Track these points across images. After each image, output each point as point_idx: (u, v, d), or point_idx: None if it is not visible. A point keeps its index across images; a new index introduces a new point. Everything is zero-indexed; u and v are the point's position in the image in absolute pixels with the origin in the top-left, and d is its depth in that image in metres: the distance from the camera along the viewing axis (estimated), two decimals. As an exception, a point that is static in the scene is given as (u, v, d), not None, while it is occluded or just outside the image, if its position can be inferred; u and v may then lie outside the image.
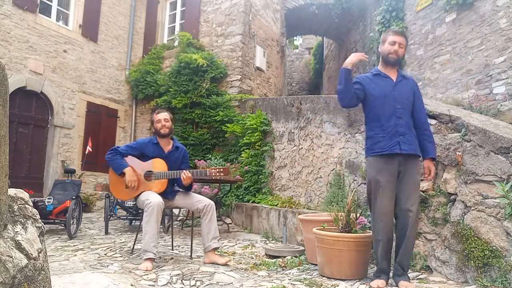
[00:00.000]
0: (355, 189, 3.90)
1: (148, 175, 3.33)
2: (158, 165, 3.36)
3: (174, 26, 9.38)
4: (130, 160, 3.37)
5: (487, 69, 5.44)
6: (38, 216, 1.40)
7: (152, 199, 3.11)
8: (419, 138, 2.63)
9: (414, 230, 2.54)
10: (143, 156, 3.41)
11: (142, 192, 3.29)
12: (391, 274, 2.60)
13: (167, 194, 3.39)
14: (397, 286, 2.46)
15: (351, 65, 2.66)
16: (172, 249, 3.89)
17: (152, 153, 3.41)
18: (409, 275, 2.69)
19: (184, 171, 3.27)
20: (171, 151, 3.49)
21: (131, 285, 2.38)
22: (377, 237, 2.59)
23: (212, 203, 3.36)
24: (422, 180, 3.01)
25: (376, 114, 2.65)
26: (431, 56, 6.56)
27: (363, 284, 2.60)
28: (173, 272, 2.82)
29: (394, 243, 2.66)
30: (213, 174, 3.31)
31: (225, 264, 3.17)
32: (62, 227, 5.03)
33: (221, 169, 3.32)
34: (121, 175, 3.30)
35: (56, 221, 4.72)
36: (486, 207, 2.50)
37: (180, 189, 3.52)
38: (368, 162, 2.70)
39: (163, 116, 3.46)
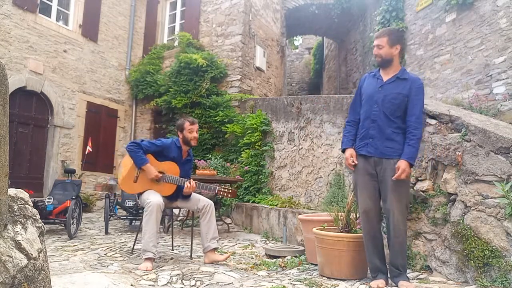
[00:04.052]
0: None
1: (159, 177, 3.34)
2: (171, 168, 3.37)
3: (174, 26, 9.37)
4: (148, 157, 3.36)
5: (487, 69, 5.44)
6: (38, 216, 1.40)
7: (152, 198, 3.11)
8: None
9: (400, 229, 2.52)
10: (160, 156, 3.40)
11: (145, 190, 3.29)
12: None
13: (170, 197, 3.40)
14: (397, 286, 2.46)
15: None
16: (172, 249, 3.89)
17: (172, 156, 3.41)
18: (409, 275, 2.69)
19: (190, 180, 3.28)
20: (187, 158, 3.55)
21: (131, 285, 2.38)
22: (363, 235, 2.67)
23: (211, 203, 3.36)
24: (421, 179, 3.01)
25: (362, 113, 2.76)
26: (431, 56, 6.56)
27: (363, 284, 2.60)
28: (173, 272, 2.82)
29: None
30: (220, 193, 3.35)
31: (225, 260, 3.19)
32: (62, 227, 5.03)
33: (230, 191, 3.36)
34: (140, 168, 3.29)
35: (56, 221, 4.72)
36: (486, 207, 2.50)
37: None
38: None
39: (196, 127, 3.47)
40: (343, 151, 2.83)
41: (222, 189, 3.35)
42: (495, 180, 2.45)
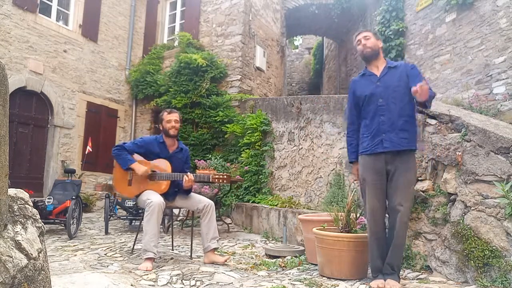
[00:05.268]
0: (355, 189, 3.89)
1: (152, 175, 3.33)
2: (162, 165, 3.35)
3: (174, 26, 9.37)
4: (136, 158, 3.37)
5: (487, 69, 5.44)
6: (38, 216, 1.40)
7: (153, 198, 3.11)
8: None
9: (403, 229, 2.51)
10: (147, 155, 3.40)
11: (143, 191, 3.29)
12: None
13: (168, 195, 3.39)
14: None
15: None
16: (172, 249, 3.89)
17: (157, 152, 3.40)
18: (409, 275, 2.69)
19: (187, 173, 3.27)
20: (175, 151, 3.50)
21: (131, 285, 2.38)
22: (368, 235, 2.66)
23: (212, 203, 3.36)
24: (421, 179, 3.01)
25: (364, 114, 2.72)
26: (431, 56, 6.56)
27: (363, 284, 2.60)
28: (173, 272, 2.82)
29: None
30: (216, 180, 3.34)
31: (225, 263, 3.17)
32: (62, 227, 5.03)
33: (224, 176, 3.35)
34: (126, 170, 3.30)
35: (56, 221, 4.72)
36: (486, 207, 2.50)
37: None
38: (359, 162, 2.78)
39: (174, 117, 3.45)
40: (351, 163, 2.89)
41: (217, 176, 3.35)
42: (495, 180, 2.45)
